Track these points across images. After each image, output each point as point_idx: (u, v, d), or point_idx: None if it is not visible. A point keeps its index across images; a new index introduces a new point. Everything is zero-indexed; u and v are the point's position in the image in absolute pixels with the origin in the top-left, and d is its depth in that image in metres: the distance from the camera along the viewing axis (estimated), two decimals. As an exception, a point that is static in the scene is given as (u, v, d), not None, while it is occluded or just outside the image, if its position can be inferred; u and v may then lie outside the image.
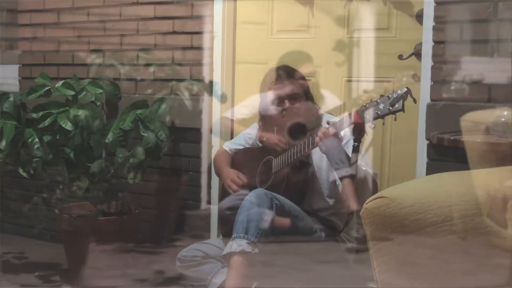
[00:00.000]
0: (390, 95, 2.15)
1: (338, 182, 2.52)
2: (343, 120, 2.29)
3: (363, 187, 2.44)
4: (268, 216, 2.36)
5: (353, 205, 2.33)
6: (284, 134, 2.59)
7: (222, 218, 2.64)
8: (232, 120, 3.12)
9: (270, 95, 2.62)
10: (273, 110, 2.62)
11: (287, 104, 2.57)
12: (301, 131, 2.54)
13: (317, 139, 2.33)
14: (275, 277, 2.40)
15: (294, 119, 2.57)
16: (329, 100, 2.90)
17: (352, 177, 2.33)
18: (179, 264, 2.65)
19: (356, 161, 2.40)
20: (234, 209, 2.43)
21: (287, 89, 2.57)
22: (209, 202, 3.23)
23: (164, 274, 3.06)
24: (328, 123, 2.35)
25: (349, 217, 2.42)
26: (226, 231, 2.50)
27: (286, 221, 2.45)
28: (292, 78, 2.59)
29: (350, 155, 2.37)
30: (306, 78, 2.70)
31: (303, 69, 2.80)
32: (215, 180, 3.18)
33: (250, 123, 2.86)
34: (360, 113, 2.22)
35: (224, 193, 2.84)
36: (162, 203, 3.40)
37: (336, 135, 2.30)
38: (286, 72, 2.61)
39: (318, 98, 2.78)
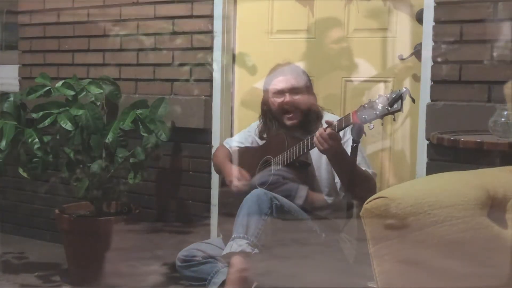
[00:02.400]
0: (388, 95, 2.13)
1: (337, 180, 2.52)
2: (342, 121, 2.29)
3: (362, 187, 2.44)
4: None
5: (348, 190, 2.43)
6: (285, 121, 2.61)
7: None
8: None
9: (272, 88, 2.64)
10: (274, 102, 2.63)
11: (287, 97, 2.58)
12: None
13: (315, 139, 2.33)
14: (275, 277, 2.41)
15: (294, 111, 2.58)
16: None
17: (344, 161, 2.37)
18: (179, 264, 2.65)
19: (355, 161, 2.40)
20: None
21: (289, 82, 2.60)
22: (209, 201, 3.23)
23: (163, 274, 3.07)
24: (327, 122, 2.35)
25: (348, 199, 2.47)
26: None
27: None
28: (295, 74, 2.61)
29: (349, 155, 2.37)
30: (309, 76, 2.70)
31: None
32: (215, 180, 3.18)
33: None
34: (359, 113, 2.21)
35: (224, 190, 2.84)
36: (162, 203, 3.40)
37: (334, 135, 2.30)
38: (289, 67, 2.64)
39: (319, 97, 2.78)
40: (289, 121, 2.61)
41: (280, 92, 2.61)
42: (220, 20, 3.15)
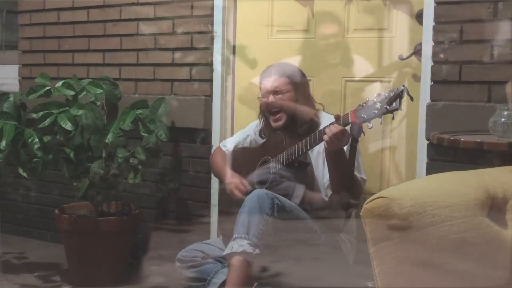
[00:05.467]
0: (387, 94, 2.13)
1: (325, 180, 2.51)
2: (340, 120, 2.28)
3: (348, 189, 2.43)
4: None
5: (335, 188, 2.42)
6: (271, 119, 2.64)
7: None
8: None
9: (261, 89, 2.67)
10: (262, 103, 2.67)
11: (270, 97, 2.60)
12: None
13: (325, 136, 2.30)
14: (276, 277, 2.41)
15: (279, 112, 2.60)
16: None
17: (341, 157, 2.35)
18: (179, 264, 2.65)
19: (354, 162, 2.38)
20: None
21: (272, 84, 2.61)
22: (209, 201, 3.23)
23: (163, 274, 3.07)
24: (336, 117, 2.31)
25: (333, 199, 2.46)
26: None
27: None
28: (280, 75, 2.61)
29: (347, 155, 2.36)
30: (305, 77, 2.69)
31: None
32: (215, 180, 3.18)
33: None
34: (357, 113, 2.20)
35: (224, 192, 2.84)
36: (162, 203, 3.40)
37: (345, 132, 2.26)
38: (275, 68, 2.65)
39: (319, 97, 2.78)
40: (275, 122, 2.61)
41: (266, 94, 2.63)
42: (220, 20, 3.15)
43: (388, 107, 2.11)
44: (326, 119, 2.57)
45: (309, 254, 2.44)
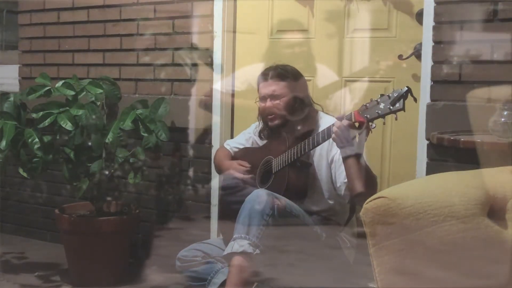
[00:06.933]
0: (390, 94, 2.13)
1: (339, 184, 2.49)
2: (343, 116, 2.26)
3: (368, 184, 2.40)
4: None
5: (358, 187, 2.30)
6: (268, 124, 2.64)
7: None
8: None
9: (258, 93, 2.66)
10: (259, 106, 2.66)
11: (268, 102, 2.59)
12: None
13: (333, 136, 2.28)
14: (276, 277, 2.41)
15: (276, 114, 2.59)
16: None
17: (357, 156, 2.27)
18: (179, 264, 2.65)
19: (362, 152, 2.35)
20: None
21: (269, 88, 2.59)
22: (209, 202, 3.23)
23: (163, 274, 3.07)
24: (338, 118, 2.30)
25: (353, 200, 2.42)
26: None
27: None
28: (277, 79, 2.59)
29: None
30: (303, 77, 2.68)
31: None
32: (215, 180, 3.18)
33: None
34: (361, 112, 2.20)
35: (223, 193, 2.84)
36: (162, 203, 3.40)
37: (353, 126, 2.25)
38: (273, 72, 2.62)
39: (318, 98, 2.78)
40: (271, 122, 2.61)
41: (263, 98, 2.62)
42: (220, 20, 3.15)
43: (391, 107, 2.11)
44: (325, 120, 2.57)
45: (310, 254, 2.44)
